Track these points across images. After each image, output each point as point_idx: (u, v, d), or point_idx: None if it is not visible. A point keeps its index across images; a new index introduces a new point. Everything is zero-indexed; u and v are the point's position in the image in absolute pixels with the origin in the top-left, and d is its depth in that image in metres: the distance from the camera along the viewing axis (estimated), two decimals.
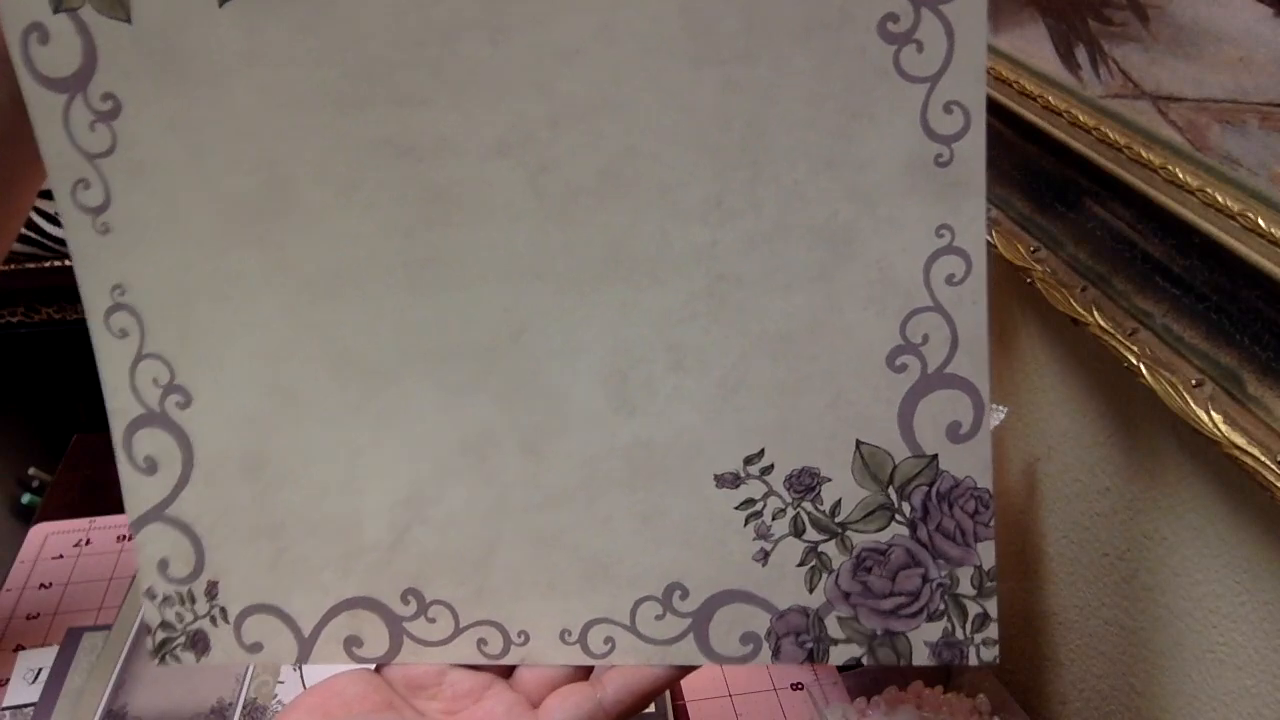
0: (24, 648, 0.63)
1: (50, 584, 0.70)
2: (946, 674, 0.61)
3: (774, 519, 0.36)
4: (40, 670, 0.60)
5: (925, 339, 0.35)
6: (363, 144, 0.34)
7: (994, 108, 0.57)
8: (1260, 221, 0.39)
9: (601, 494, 0.36)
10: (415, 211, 0.35)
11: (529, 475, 0.37)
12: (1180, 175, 0.43)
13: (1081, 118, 0.49)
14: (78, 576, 0.71)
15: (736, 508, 0.36)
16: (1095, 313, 0.48)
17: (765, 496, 0.36)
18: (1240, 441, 0.40)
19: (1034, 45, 0.53)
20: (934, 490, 0.36)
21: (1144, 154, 0.45)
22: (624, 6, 0.33)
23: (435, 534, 0.37)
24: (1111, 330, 0.47)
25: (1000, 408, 0.53)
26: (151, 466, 0.37)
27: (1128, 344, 0.46)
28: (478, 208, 0.35)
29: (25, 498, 1.14)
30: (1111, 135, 0.47)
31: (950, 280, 0.35)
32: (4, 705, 0.58)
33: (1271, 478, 0.39)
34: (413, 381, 0.36)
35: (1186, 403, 0.43)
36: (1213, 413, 0.42)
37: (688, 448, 0.36)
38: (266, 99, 0.34)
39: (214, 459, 0.37)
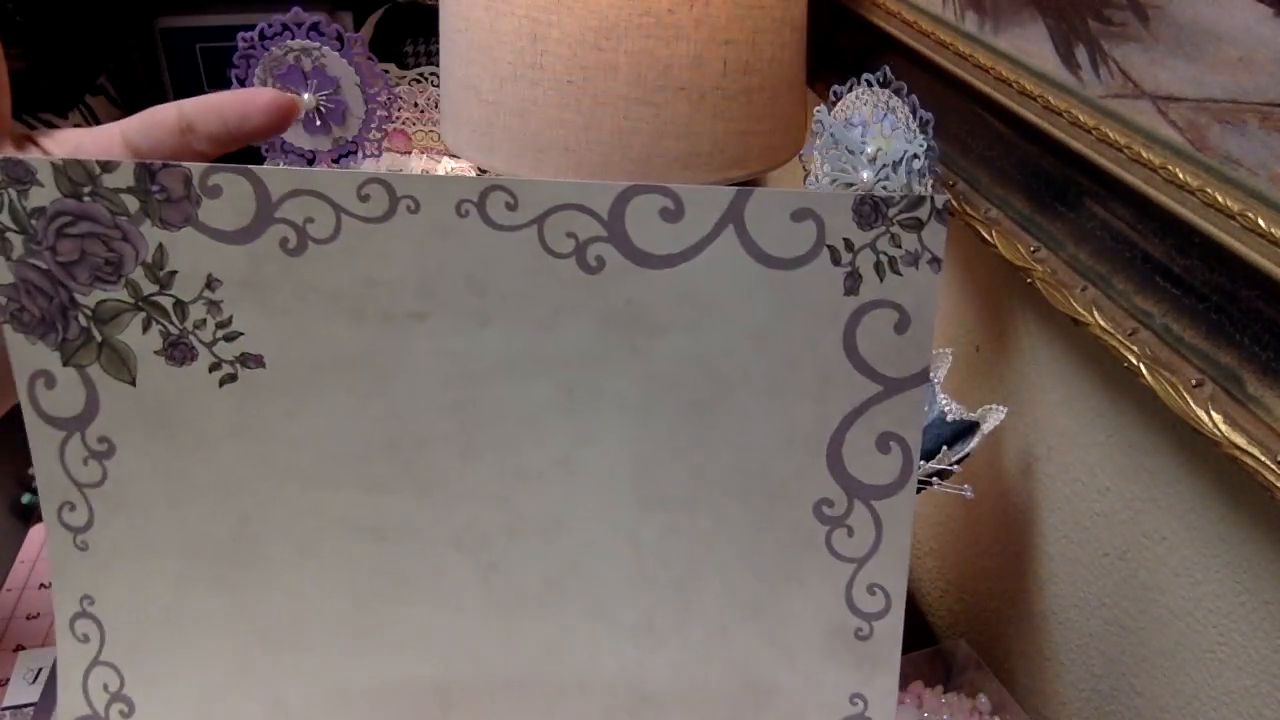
0: (24, 648, 0.62)
1: (50, 584, 0.70)
2: (946, 674, 0.61)
3: None
4: (40, 670, 0.60)
5: None
6: (329, 518, 0.36)
7: (994, 108, 0.57)
8: (1260, 221, 0.39)
9: None
10: (369, 584, 0.36)
11: None
12: (1180, 175, 0.43)
13: (1081, 118, 0.49)
14: None
15: None
16: (1095, 313, 0.48)
17: None
18: (1240, 441, 0.40)
19: (1034, 45, 0.53)
20: None
21: (1144, 154, 0.45)
22: (583, 446, 0.35)
23: None
24: (1111, 330, 0.47)
25: (1000, 408, 0.53)
26: None
27: (1128, 344, 0.46)
28: (429, 591, 0.36)
29: (25, 498, 1.14)
30: (1111, 135, 0.47)
31: None
32: (4, 705, 0.58)
33: (1271, 478, 0.39)
34: None
35: (1186, 403, 0.43)
36: (1213, 413, 0.42)
37: None
38: (247, 466, 0.36)
39: None
